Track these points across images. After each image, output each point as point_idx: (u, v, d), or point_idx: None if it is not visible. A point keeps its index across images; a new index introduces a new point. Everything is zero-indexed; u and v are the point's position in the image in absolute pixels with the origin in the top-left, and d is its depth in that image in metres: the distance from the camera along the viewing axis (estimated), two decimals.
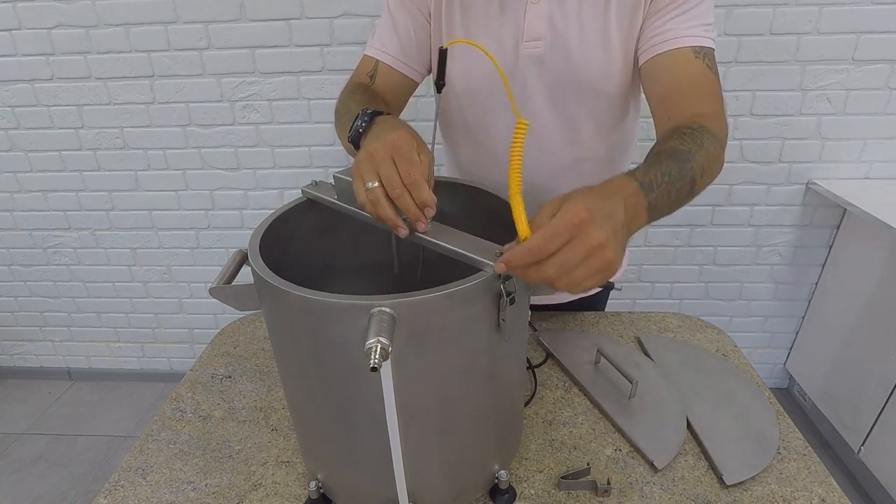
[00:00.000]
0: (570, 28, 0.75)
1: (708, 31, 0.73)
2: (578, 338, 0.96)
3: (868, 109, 1.60)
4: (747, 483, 0.69)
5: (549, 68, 0.78)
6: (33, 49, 1.67)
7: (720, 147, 0.65)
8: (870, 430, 1.58)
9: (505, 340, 0.56)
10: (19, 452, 1.95)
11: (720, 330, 1.00)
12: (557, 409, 0.83)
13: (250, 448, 0.77)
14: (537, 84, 0.80)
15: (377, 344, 0.44)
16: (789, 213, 1.77)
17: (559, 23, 0.76)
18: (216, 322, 2.14)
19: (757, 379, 0.88)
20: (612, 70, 0.78)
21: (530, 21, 0.76)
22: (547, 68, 0.78)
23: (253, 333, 1.04)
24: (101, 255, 2.02)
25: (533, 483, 0.70)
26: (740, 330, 1.99)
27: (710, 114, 0.67)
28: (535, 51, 0.77)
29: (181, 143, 1.79)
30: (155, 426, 0.82)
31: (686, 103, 0.69)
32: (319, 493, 0.66)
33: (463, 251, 0.54)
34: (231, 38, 1.62)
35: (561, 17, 0.75)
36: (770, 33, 1.52)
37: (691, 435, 0.77)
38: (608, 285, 0.55)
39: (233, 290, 0.60)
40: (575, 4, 0.75)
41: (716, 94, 0.70)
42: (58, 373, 2.32)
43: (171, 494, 0.70)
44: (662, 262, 1.89)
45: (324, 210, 0.71)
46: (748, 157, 1.69)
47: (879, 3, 1.46)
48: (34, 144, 1.83)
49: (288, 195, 1.85)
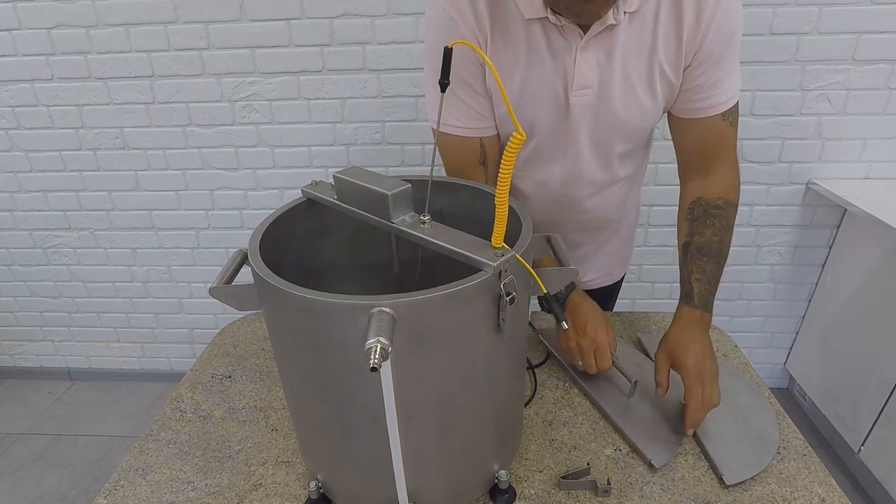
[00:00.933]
0: (615, 76, 0.78)
1: (736, 82, 0.81)
2: None
3: (868, 109, 1.60)
4: (747, 483, 0.69)
5: (595, 114, 0.81)
6: (33, 49, 1.67)
7: (736, 207, 0.86)
8: (870, 430, 1.58)
9: (505, 340, 0.56)
10: (19, 452, 1.95)
11: (720, 330, 1.00)
12: (557, 409, 0.83)
13: (250, 448, 0.77)
14: (583, 126, 0.83)
15: (377, 344, 0.44)
16: (789, 213, 1.77)
17: (605, 71, 0.77)
18: (216, 322, 2.14)
19: (757, 379, 0.88)
20: (651, 115, 0.83)
21: (580, 70, 0.76)
22: (593, 113, 0.81)
23: (253, 333, 1.04)
24: (101, 255, 2.02)
25: (533, 483, 0.70)
26: (740, 330, 1.99)
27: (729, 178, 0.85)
28: (584, 99, 0.79)
29: (181, 143, 1.79)
30: (155, 426, 0.82)
31: (705, 158, 0.85)
32: (319, 493, 0.66)
33: (463, 251, 0.54)
34: (231, 38, 1.62)
35: (607, 66, 0.77)
36: (770, 33, 1.52)
37: (691, 435, 0.77)
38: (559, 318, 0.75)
39: (233, 290, 0.60)
40: (621, 53, 0.76)
41: (731, 147, 0.85)
42: (58, 373, 2.32)
43: (171, 494, 0.70)
44: (662, 262, 1.89)
45: (324, 210, 0.71)
46: (748, 157, 1.69)
47: (879, 3, 1.46)
48: (34, 144, 1.83)
49: (288, 195, 1.85)
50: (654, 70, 0.77)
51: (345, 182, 0.64)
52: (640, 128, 0.85)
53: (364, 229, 0.67)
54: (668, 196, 1.76)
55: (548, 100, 0.80)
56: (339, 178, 0.64)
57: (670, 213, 1.80)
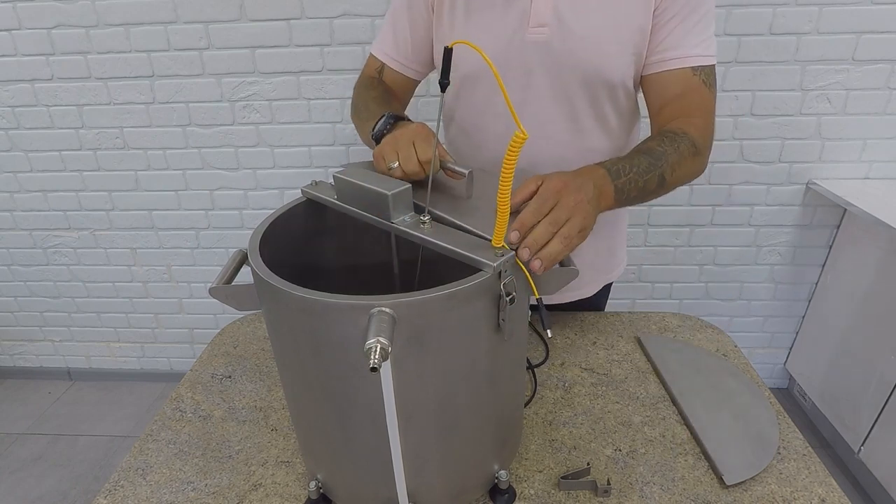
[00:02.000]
0: (577, 14, 0.77)
1: (710, 46, 0.79)
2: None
3: (868, 109, 1.60)
4: (747, 483, 0.69)
5: (554, 54, 0.80)
6: (33, 49, 1.67)
7: (697, 153, 0.76)
8: (870, 430, 1.58)
9: (505, 340, 0.56)
10: (19, 452, 1.95)
11: (720, 330, 1.00)
12: (557, 409, 0.83)
13: (250, 448, 0.77)
14: (541, 71, 0.81)
15: (377, 344, 0.44)
16: (789, 213, 1.77)
17: (565, 9, 0.77)
18: (216, 322, 2.14)
19: (757, 379, 0.88)
20: (615, 58, 0.80)
21: (537, 7, 0.77)
22: (551, 55, 0.80)
23: (253, 333, 1.04)
24: (101, 255, 2.02)
25: (533, 483, 0.70)
26: (740, 330, 1.99)
27: (696, 124, 0.77)
28: (539, 37, 0.79)
29: (181, 143, 1.79)
30: (155, 426, 0.82)
31: (676, 113, 0.79)
32: (319, 493, 0.66)
33: (463, 251, 0.54)
34: (231, 38, 1.62)
35: (568, 3, 0.77)
36: (770, 33, 1.52)
37: (691, 435, 0.77)
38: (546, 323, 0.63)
39: (233, 290, 0.60)
40: None
41: (706, 108, 0.79)
42: (58, 373, 2.32)
43: (170, 494, 0.70)
44: (662, 262, 1.89)
45: (324, 210, 0.71)
46: (748, 157, 1.69)
47: (879, 3, 1.46)
48: (34, 144, 1.83)
49: (288, 195, 1.85)
50: (618, 11, 0.77)
51: (345, 182, 0.64)
52: (603, 76, 0.81)
53: (364, 229, 0.67)
54: (669, 196, 1.75)
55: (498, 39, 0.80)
56: (339, 178, 0.64)
57: (670, 214, 1.80)
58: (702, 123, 0.78)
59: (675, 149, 0.73)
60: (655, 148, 0.73)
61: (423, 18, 0.88)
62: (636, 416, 0.81)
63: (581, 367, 0.91)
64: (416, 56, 0.93)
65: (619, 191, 0.66)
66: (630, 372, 0.90)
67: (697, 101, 0.79)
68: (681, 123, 0.77)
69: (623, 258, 1.10)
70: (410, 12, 0.88)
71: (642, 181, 0.69)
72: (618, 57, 0.80)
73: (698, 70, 0.79)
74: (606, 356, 0.94)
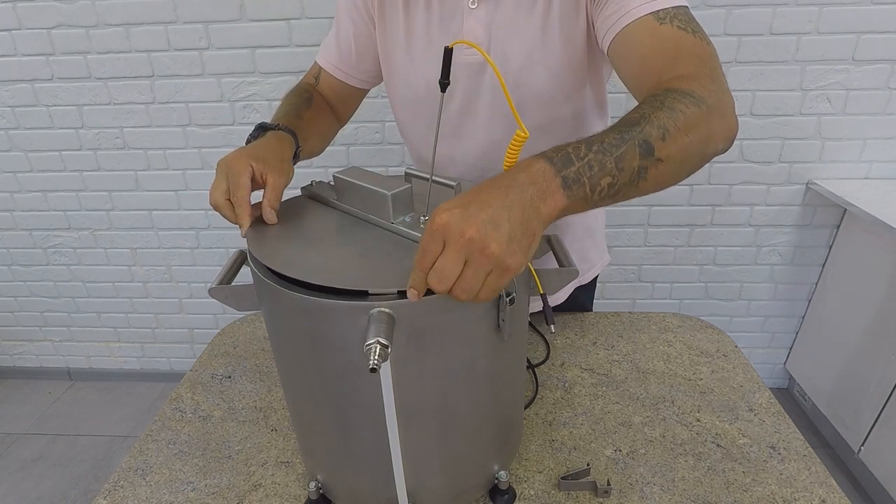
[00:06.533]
0: (509, 32, 0.73)
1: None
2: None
3: (868, 109, 1.60)
4: (747, 483, 0.69)
5: (489, 76, 0.77)
6: (33, 49, 1.67)
7: (704, 104, 0.53)
8: (870, 430, 1.58)
9: (505, 340, 0.56)
10: (19, 452, 1.95)
11: (720, 330, 1.00)
12: (557, 409, 0.82)
13: (250, 448, 0.77)
14: (479, 93, 0.78)
15: (376, 344, 0.44)
16: (789, 213, 1.77)
17: (498, 28, 0.73)
18: (216, 322, 2.14)
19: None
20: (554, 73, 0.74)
21: (468, 28, 0.74)
22: (486, 76, 0.77)
23: (253, 333, 1.04)
24: (101, 255, 2.02)
25: (533, 483, 0.70)
26: (740, 330, 1.99)
27: (685, 75, 0.57)
28: (472, 58, 0.75)
29: (181, 143, 1.79)
30: (155, 426, 0.82)
31: (657, 74, 0.60)
32: (319, 493, 0.66)
33: None
34: (231, 38, 1.62)
35: (500, 22, 0.73)
36: (770, 33, 1.52)
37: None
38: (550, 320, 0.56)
39: (233, 291, 0.60)
40: (511, 7, 0.72)
41: (692, 53, 0.60)
42: (58, 373, 2.32)
43: (170, 495, 0.70)
44: (662, 262, 1.89)
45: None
46: (748, 157, 1.69)
47: (879, 3, 1.46)
48: (34, 144, 1.83)
49: (287, 195, 1.85)
50: (551, 21, 0.71)
51: (345, 182, 0.64)
52: (545, 91, 0.75)
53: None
54: (669, 196, 1.76)
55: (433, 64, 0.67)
56: (339, 178, 0.64)
57: (670, 214, 1.80)
58: (693, 72, 0.57)
59: (659, 107, 0.52)
60: (627, 117, 0.52)
61: (366, 29, 0.85)
62: (636, 416, 0.81)
63: (581, 367, 0.91)
64: (358, 64, 0.89)
65: (572, 183, 0.46)
66: (630, 372, 0.90)
67: (674, 49, 0.60)
68: (665, 84, 0.57)
69: (600, 259, 1.03)
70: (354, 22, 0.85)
71: (611, 160, 0.47)
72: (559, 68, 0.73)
73: (664, 15, 0.62)
74: (606, 356, 0.94)
